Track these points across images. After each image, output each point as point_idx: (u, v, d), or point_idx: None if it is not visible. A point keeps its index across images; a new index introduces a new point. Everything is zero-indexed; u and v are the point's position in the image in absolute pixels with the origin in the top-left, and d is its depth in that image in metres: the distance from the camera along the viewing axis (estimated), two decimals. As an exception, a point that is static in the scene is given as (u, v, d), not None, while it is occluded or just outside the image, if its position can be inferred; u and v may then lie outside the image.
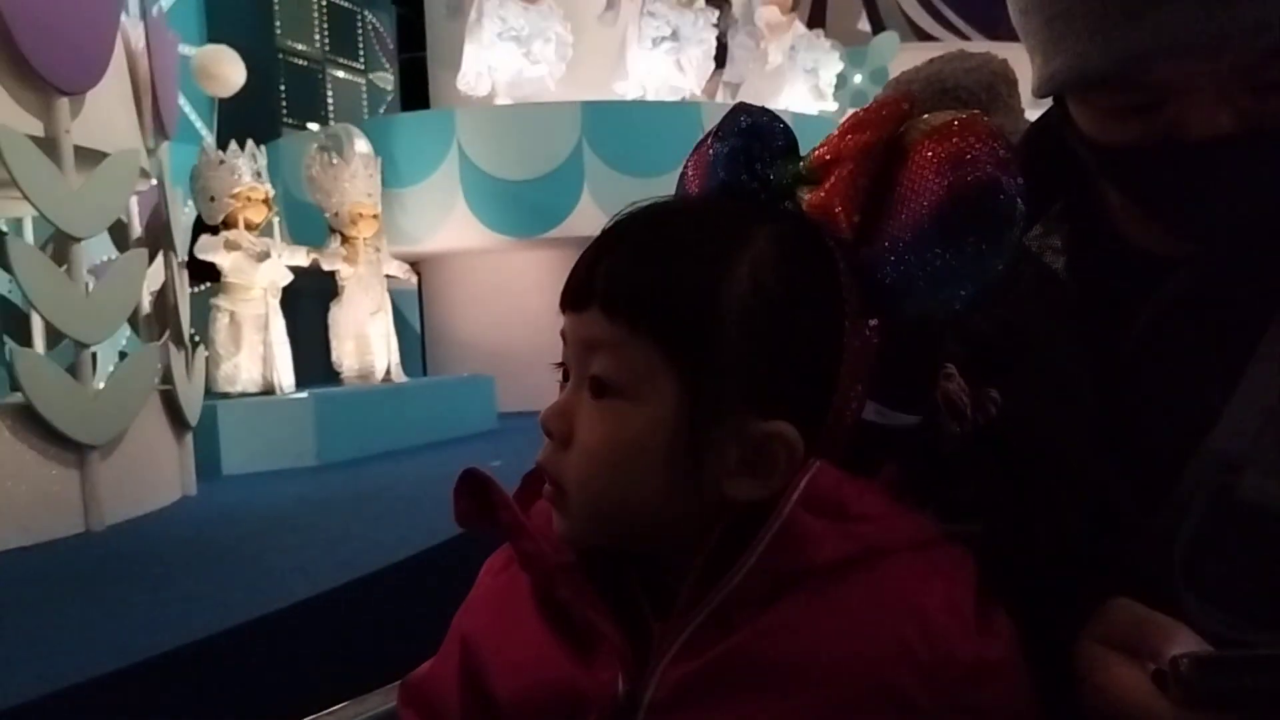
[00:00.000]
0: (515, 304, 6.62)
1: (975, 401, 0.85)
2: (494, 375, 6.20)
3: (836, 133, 0.81)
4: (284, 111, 8.81)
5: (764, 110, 0.85)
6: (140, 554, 3.18)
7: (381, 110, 9.90)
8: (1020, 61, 1.11)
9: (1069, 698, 0.80)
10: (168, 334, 4.00)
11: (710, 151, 0.84)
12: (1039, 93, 0.98)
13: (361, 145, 5.80)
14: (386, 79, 10.32)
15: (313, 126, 8.28)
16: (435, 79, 7.98)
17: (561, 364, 0.82)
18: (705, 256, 0.78)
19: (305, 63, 9.26)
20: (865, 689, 0.73)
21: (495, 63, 6.85)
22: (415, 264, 6.75)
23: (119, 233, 4.14)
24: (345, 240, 5.56)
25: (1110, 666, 0.78)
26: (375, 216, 5.65)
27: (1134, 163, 0.92)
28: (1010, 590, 0.80)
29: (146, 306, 3.94)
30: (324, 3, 9.51)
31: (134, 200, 3.91)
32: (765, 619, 0.76)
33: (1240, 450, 0.89)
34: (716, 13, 7.67)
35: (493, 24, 6.70)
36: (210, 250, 4.81)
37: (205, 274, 5.11)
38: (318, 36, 9.39)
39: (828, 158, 0.79)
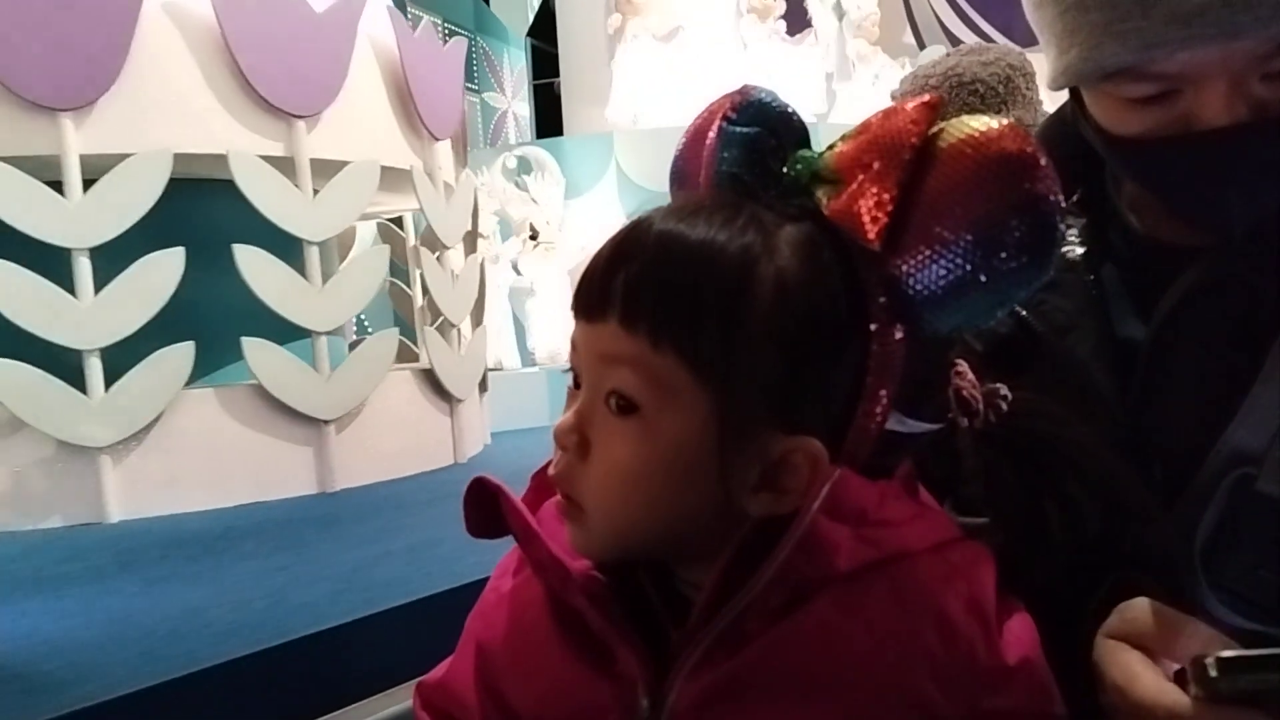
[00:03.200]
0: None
1: (986, 398, 0.82)
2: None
3: (858, 129, 0.76)
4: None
5: (773, 94, 0.81)
6: (364, 510, 3.64)
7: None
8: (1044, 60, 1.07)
9: (1089, 697, 0.80)
10: (441, 320, 4.56)
11: (717, 133, 0.79)
12: (1054, 85, 0.99)
13: (550, 164, 6.90)
14: (499, 100, 11.65)
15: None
16: (569, 104, 8.98)
17: (571, 369, 0.79)
18: (729, 267, 0.74)
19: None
20: (885, 695, 0.72)
21: (639, 92, 7.93)
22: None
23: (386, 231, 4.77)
24: (537, 245, 6.68)
25: (1130, 665, 0.78)
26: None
27: (1149, 153, 0.93)
28: (1027, 588, 0.80)
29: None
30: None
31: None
32: (783, 627, 0.74)
33: (1259, 445, 0.88)
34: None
35: (636, 60, 7.79)
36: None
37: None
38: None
39: (851, 157, 0.74)
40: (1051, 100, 1.13)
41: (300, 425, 3.82)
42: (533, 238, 6.74)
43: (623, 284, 0.73)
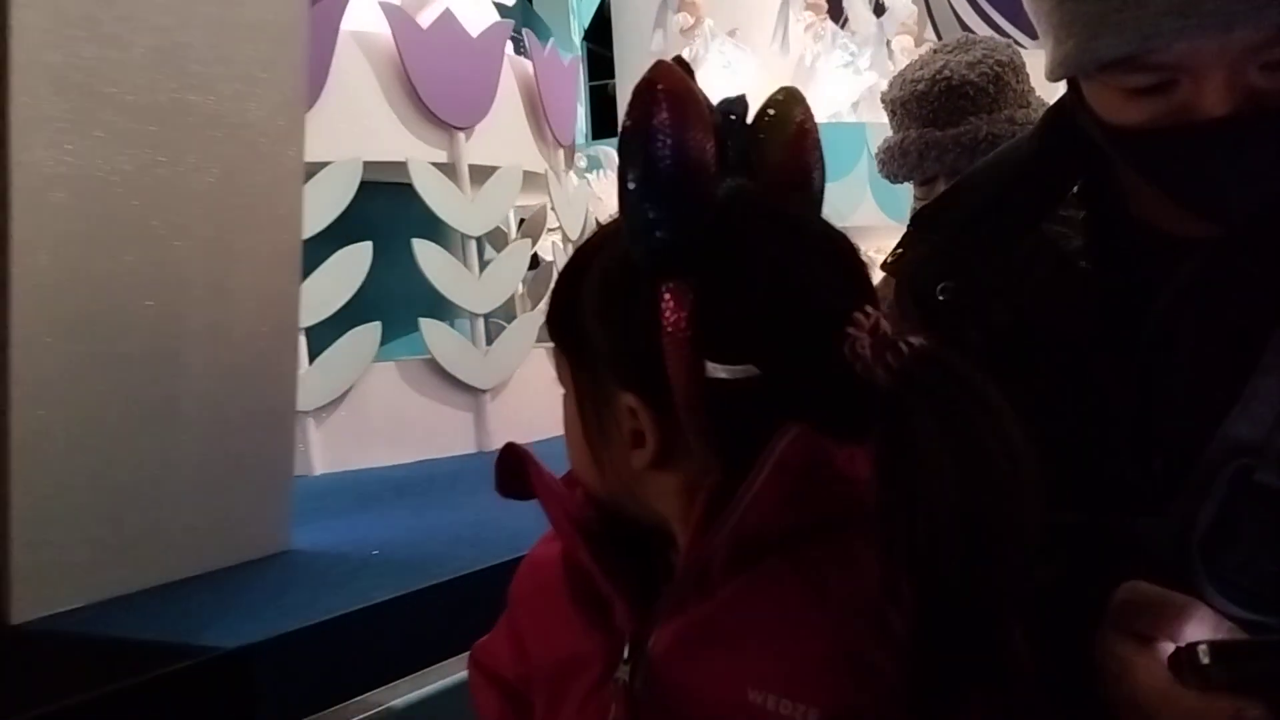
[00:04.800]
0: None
1: (880, 349, 0.75)
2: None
3: None
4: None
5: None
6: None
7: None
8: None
9: (1090, 688, 0.81)
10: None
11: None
12: (1052, 76, 0.97)
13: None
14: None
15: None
16: (625, 102, 9.08)
17: None
18: (577, 268, 0.87)
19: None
20: (830, 651, 0.75)
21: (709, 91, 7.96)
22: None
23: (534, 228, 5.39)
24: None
25: (1125, 654, 0.79)
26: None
27: (1148, 144, 0.90)
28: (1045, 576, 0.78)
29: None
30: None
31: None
32: (740, 580, 0.78)
33: (1258, 436, 0.87)
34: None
35: (718, 58, 7.79)
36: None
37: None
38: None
39: None
40: (1045, 90, 1.06)
41: (463, 394, 4.42)
42: (599, 231, 7.31)
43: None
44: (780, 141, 0.89)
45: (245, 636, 1.82)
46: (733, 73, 7.81)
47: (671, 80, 0.80)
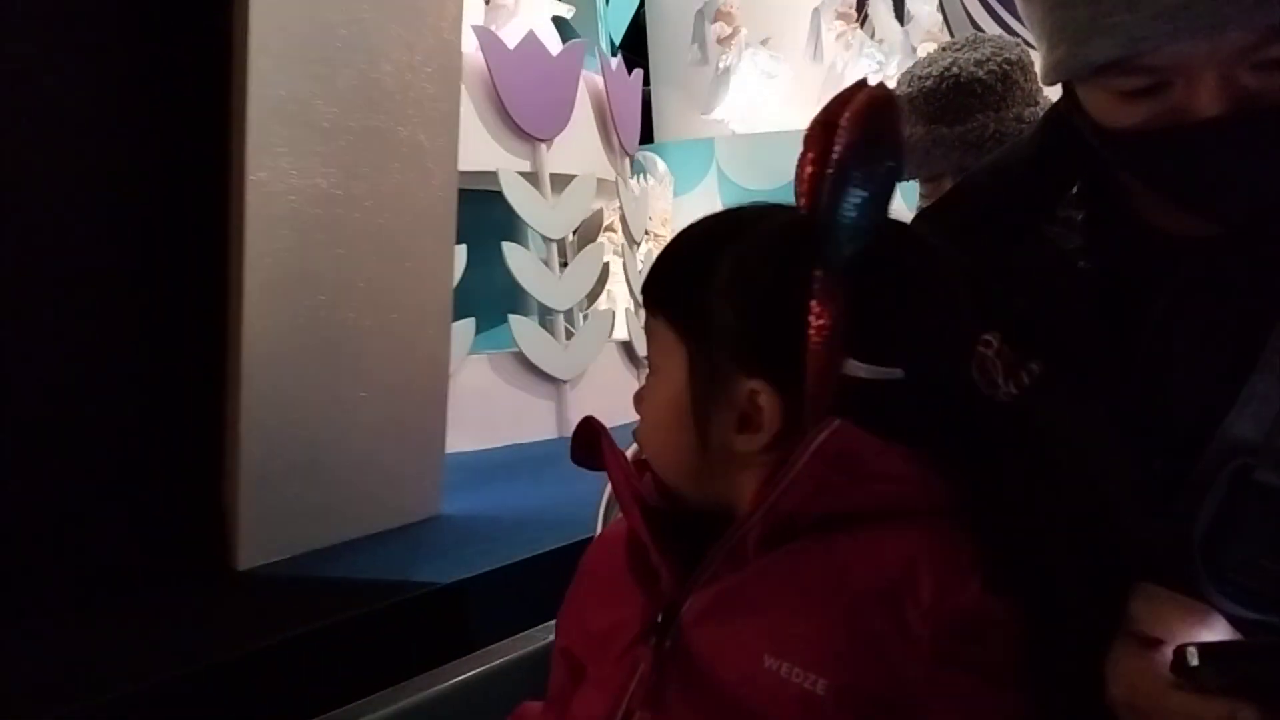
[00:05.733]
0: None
1: (1008, 370, 0.83)
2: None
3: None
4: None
5: None
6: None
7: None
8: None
9: (1090, 689, 0.79)
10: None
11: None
12: (1046, 80, 0.97)
13: (661, 167, 7.65)
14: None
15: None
16: (659, 109, 9.34)
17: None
18: (701, 251, 0.87)
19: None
20: (844, 631, 0.77)
21: (745, 98, 8.23)
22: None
23: (592, 230, 5.78)
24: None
25: (1126, 656, 0.78)
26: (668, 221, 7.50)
27: (1142, 146, 0.90)
28: (1029, 579, 0.79)
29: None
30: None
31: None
32: (773, 555, 0.81)
33: (1257, 434, 0.87)
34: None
35: (751, 67, 8.08)
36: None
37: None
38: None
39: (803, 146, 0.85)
40: (1053, 91, 1.08)
41: (546, 383, 4.83)
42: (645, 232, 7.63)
43: (647, 278, 0.91)
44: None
45: (454, 574, 2.19)
46: (769, 80, 8.13)
47: (893, 104, 0.84)
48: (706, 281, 0.85)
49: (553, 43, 5.11)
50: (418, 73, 2.63)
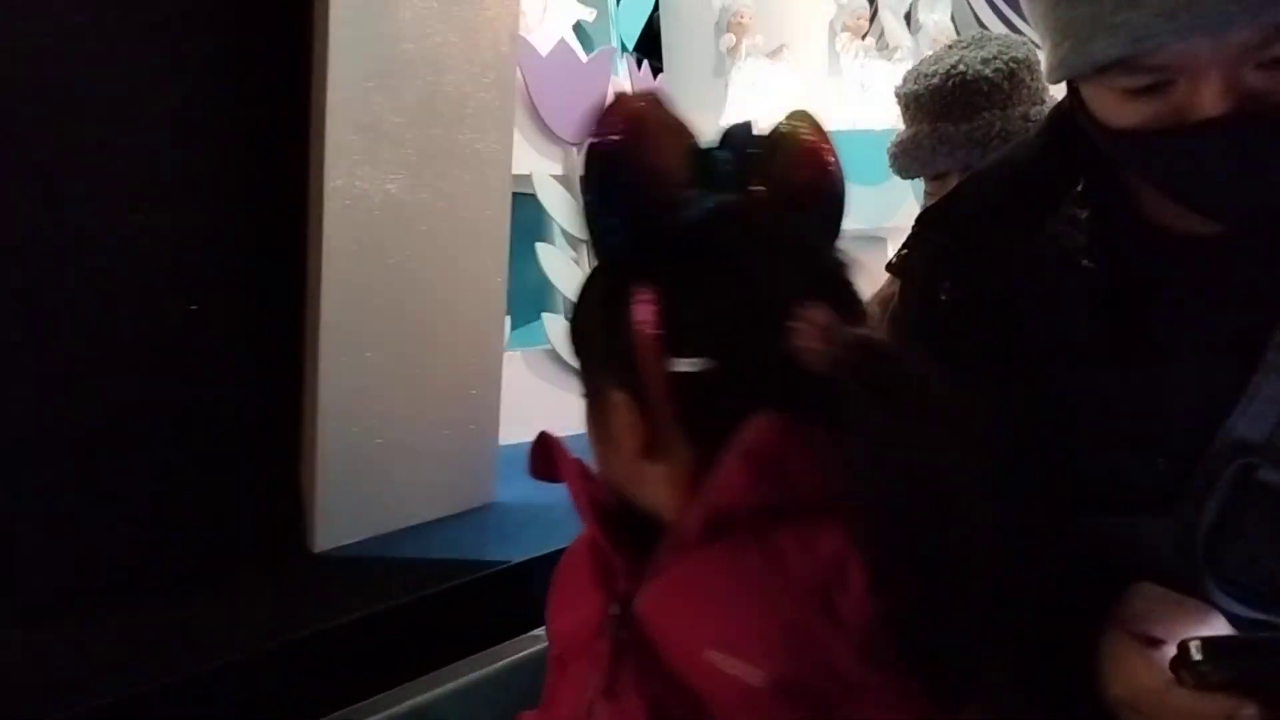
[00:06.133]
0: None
1: (825, 336, 0.80)
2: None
3: None
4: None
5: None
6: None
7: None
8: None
9: (1091, 689, 0.81)
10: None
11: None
12: (1050, 78, 0.97)
13: None
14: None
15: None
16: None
17: None
18: (585, 279, 0.98)
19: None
20: (780, 623, 0.79)
21: (750, 106, 8.20)
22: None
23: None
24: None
25: (1127, 655, 0.79)
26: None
27: (1146, 144, 0.90)
28: (1031, 578, 0.80)
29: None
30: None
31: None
32: (707, 550, 0.85)
33: (1260, 435, 0.87)
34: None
35: (746, 77, 8.11)
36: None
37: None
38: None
39: None
40: (1059, 89, 1.08)
41: (577, 380, 4.96)
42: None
43: None
44: (785, 161, 0.95)
45: (521, 555, 2.34)
46: (780, 91, 8.14)
47: (625, 108, 0.89)
48: (581, 306, 0.94)
49: (576, 47, 5.27)
50: (477, 83, 2.78)
